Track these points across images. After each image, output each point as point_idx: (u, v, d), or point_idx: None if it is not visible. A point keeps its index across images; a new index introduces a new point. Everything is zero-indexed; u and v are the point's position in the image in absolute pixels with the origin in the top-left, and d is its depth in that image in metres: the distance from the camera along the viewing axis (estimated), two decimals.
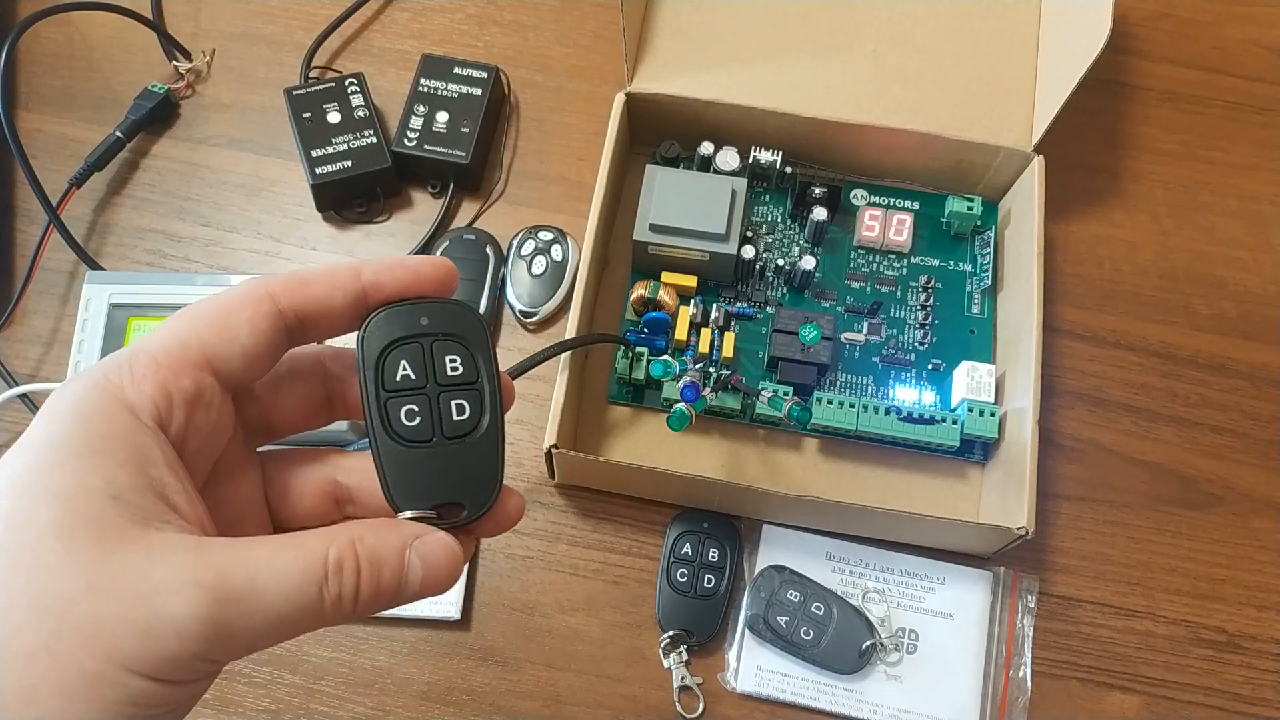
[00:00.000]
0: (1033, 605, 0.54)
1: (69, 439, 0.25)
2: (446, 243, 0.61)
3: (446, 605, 0.53)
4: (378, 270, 0.29)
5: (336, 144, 0.61)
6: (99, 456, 0.25)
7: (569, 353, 0.52)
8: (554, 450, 0.50)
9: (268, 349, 0.28)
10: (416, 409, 0.29)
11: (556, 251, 0.60)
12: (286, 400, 0.31)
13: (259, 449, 0.32)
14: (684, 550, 0.54)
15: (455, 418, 0.29)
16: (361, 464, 0.31)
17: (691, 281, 0.58)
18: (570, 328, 0.54)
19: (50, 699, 0.23)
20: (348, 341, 0.31)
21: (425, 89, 0.63)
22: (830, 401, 0.55)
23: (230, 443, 0.30)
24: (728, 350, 0.56)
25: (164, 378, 0.26)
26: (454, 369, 0.29)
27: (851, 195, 0.61)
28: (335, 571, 0.26)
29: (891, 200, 0.62)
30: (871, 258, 0.61)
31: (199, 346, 0.27)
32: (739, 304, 0.59)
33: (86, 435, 0.25)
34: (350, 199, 0.62)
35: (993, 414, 0.54)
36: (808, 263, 0.58)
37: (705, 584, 0.53)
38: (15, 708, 0.22)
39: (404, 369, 0.29)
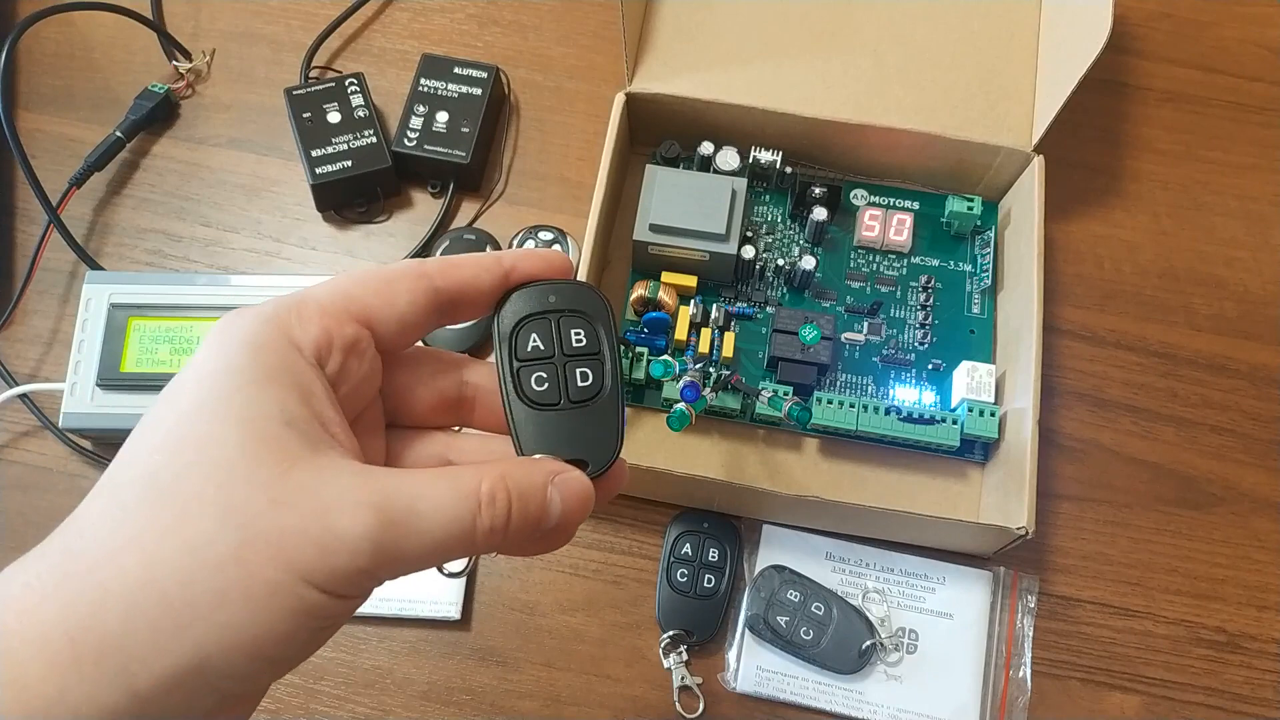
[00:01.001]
0: (1033, 605, 0.54)
1: (246, 368, 0.27)
2: (446, 243, 0.61)
3: (446, 605, 0.53)
4: (516, 259, 0.32)
5: (336, 144, 0.61)
6: (273, 385, 0.27)
7: None
8: None
9: (422, 319, 0.31)
10: (545, 375, 0.32)
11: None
12: (423, 396, 0.33)
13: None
14: (684, 550, 0.54)
15: (580, 384, 0.32)
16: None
17: (691, 281, 0.58)
18: None
19: (237, 604, 0.24)
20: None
21: (425, 89, 0.63)
22: (830, 401, 0.55)
23: (370, 406, 0.32)
24: (728, 350, 0.56)
25: (327, 323, 0.29)
26: (578, 341, 0.32)
27: (851, 195, 0.61)
28: (489, 503, 0.28)
29: (891, 200, 0.62)
30: (871, 258, 0.61)
31: (361, 304, 0.30)
32: (739, 304, 0.59)
33: (261, 365, 0.27)
34: (350, 199, 0.62)
35: (993, 414, 0.54)
36: (808, 263, 0.58)
37: (705, 584, 0.53)
38: (207, 612, 0.24)
39: (534, 341, 0.32)
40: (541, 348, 0.32)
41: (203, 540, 0.25)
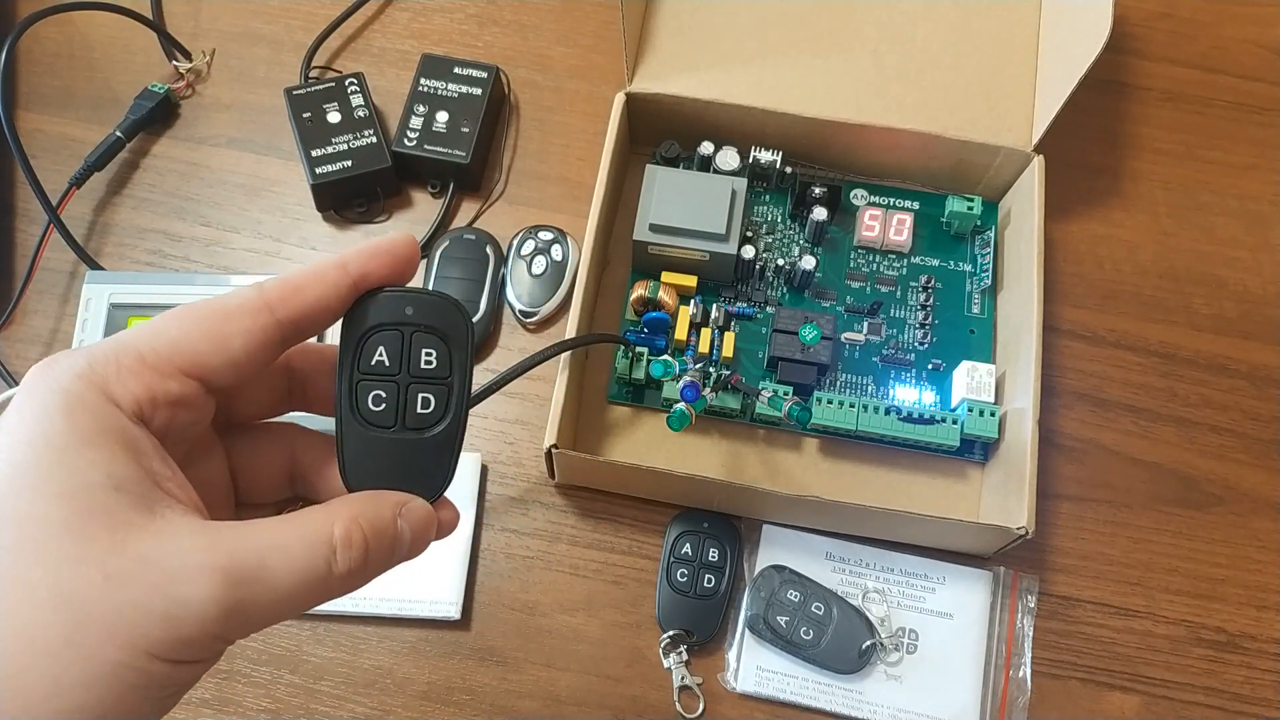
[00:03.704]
0: (1033, 605, 0.54)
1: (62, 433, 0.25)
2: (446, 243, 0.61)
3: (446, 605, 0.53)
4: (363, 263, 0.29)
5: (336, 144, 0.61)
6: (95, 449, 0.25)
7: (569, 353, 0.52)
8: (554, 450, 0.50)
9: (262, 356, 0.29)
10: (384, 395, 0.30)
11: (556, 251, 0.60)
12: (254, 391, 0.32)
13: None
14: (684, 550, 0.54)
15: (419, 410, 0.30)
16: (319, 442, 0.32)
17: (691, 281, 0.58)
18: (570, 328, 0.54)
19: (74, 690, 0.23)
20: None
21: (425, 89, 0.63)
22: (830, 401, 0.55)
23: (204, 433, 0.31)
24: (728, 350, 0.56)
25: (150, 379, 0.27)
26: (428, 362, 0.30)
27: (851, 195, 0.61)
28: (345, 546, 0.27)
29: (891, 200, 0.62)
30: (871, 258, 0.61)
31: (191, 353, 0.27)
32: (739, 304, 0.59)
33: (79, 430, 0.25)
34: (350, 199, 0.62)
35: (993, 414, 0.54)
36: (808, 263, 0.58)
37: (705, 584, 0.53)
38: (40, 702, 0.23)
39: (380, 354, 0.30)
40: (387, 363, 0.30)
41: (36, 627, 0.23)
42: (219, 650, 0.26)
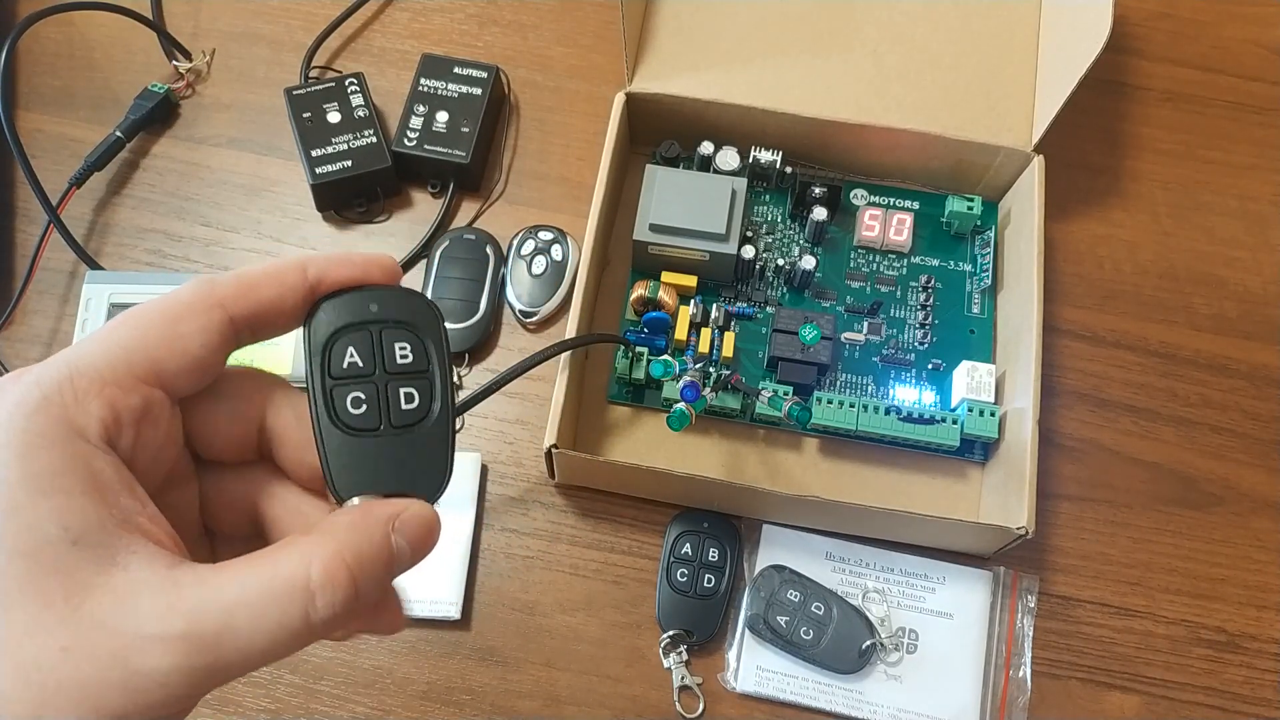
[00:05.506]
0: (1033, 605, 0.54)
1: (18, 480, 0.24)
2: (446, 243, 0.61)
3: (446, 605, 0.53)
4: (324, 268, 0.28)
5: (336, 144, 0.61)
6: (53, 496, 0.24)
7: (569, 353, 0.52)
8: (554, 450, 0.50)
9: (219, 356, 0.28)
10: (363, 396, 0.28)
11: (556, 251, 0.60)
12: (216, 440, 0.30)
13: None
14: (684, 550, 0.54)
15: (404, 406, 0.28)
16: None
17: (691, 281, 0.58)
18: (570, 328, 0.54)
19: None
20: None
21: (425, 89, 0.63)
22: (830, 401, 0.55)
23: (180, 455, 0.29)
24: (728, 350, 0.56)
25: (111, 395, 0.25)
26: (403, 357, 0.29)
27: (851, 195, 0.61)
28: (325, 587, 0.25)
29: (891, 200, 0.62)
30: (871, 258, 0.61)
31: (147, 360, 0.26)
32: (739, 304, 0.59)
33: (36, 472, 0.24)
34: (350, 199, 0.62)
35: (993, 414, 0.54)
36: (808, 263, 0.58)
37: (705, 584, 0.53)
38: None
39: (351, 356, 0.28)
40: (360, 364, 0.28)
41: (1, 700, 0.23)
42: (194, 700, 0.25)
